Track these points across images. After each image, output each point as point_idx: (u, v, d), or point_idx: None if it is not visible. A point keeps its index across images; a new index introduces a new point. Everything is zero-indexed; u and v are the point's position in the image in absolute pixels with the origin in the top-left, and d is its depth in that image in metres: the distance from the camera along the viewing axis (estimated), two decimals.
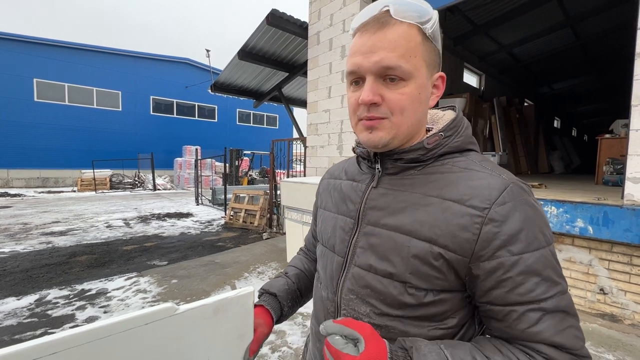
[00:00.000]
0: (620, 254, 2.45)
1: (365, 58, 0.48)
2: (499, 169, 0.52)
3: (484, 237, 0.46)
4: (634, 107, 2.33)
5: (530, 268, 0.45)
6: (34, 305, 2.83)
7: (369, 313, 0.53)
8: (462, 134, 0.56)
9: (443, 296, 0.50)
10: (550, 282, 0.45)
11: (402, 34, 0.47)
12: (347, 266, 0.57)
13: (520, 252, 0.45)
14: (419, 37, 0.48)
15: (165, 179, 15.77)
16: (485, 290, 0.47)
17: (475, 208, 0.47)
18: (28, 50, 14.06)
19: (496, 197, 0.47)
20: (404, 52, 0.47)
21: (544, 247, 0.46)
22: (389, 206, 0.54)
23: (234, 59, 6.16)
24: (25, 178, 14.27)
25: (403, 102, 0.49)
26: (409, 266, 0.49)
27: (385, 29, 0.48)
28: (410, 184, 0.54)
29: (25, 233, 5.58)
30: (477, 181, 0.49)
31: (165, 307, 0.47)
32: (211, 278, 3.44)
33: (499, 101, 7.89)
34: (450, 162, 0.54)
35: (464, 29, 6.78)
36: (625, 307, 2.46)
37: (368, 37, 0.49)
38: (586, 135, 18.18)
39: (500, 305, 0.46)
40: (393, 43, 0.47)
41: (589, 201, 2.49)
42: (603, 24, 6.64)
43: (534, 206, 0.48)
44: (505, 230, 0.45)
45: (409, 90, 0.49)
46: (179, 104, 18.60)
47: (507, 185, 0.48)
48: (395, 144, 0.53)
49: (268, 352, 2.17)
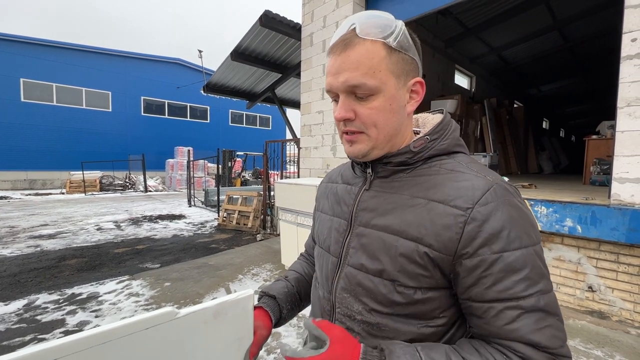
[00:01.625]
0: (608, 253, 2.51)
1: (334, 78, 0.52)
2: (485, 171, 0.54)
3: (466, 235, 0.47)
4: (620, 109, 2.39)
5: (510, 266, 0.46)
6: (23, 311, 2.76)
7: (361, 311, 0.55)
8: (448, 136, 0.58)
9: (431, 294, 0.51)
10: (530, 281, 0.46)
11: (364, 53, 0.50)
12: (341, 266, 0.59)
13: (501, 251, 0.46)
14: (382, 52, 0.50)
15: (156, 181, 15.56)
16: (466, 287, 0.49)
17: (458, 208, 0.49)
18: (14, 50, 13.73)
19: (479, 197, 0.48)
20: (367, 69, 0.50)
21: (526, 246, 0.47)
22: (379, 207, 0.56)
23: (226, 59, 6.13)
24: (12, 180, 13.93)
25: (374, 116, 0.52)
26: (397, 265, 0.52)
27: (348, 50, 0.50)
28: (399, 186, 0.56)
29: (12, 236, 5.45)
30: (462, 182, 0.51)
31: (165, 312, 0.47)
32: (205, 280, 3.41)
33: (490, 103, 8.01)
34: (438, 164, 0.56)
35: (455, 32, 6.87)
36: (612, 304, 2.52)
37: (335, 58, 0.52)
38: (574, 136, 18.57)
39: (479, 301, 0.48)
40: (355, 63, 0.50)
41: (578, 201, 2.55)
42: (590, 27, 6.80)
43: (518, 207, 0.49)
44: (486, 229, 0.47)
45: (378, 103, 0.52)
46: (170, 105, 18.39)
47: (491, 186, 0.50)
48: (377, 154, 0.56)
49: (263, 354, 2.16)
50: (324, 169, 4.77)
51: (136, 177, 14.72)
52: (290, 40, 5.57)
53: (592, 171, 4.58)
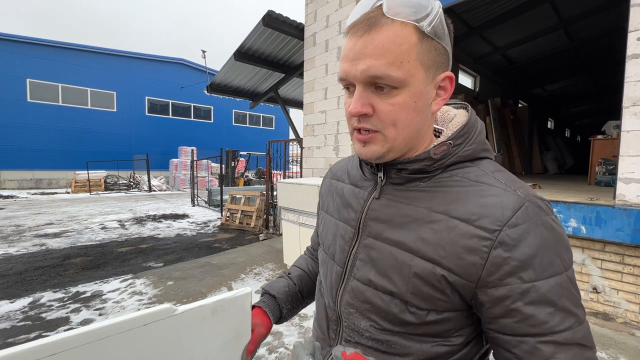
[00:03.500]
0: (613, 254, 2.48)
1: (352, 65, 0.44)
2: (515, 182, 0.47)
3: (492, 261, 0.42)
4: (625, 109, 2.36)
5: (544, 297, 0.40)
6: (28, 308, 2.80)
7: (368, 328, 0.51)
8: (474, 140, 0.50)
9: (446, 315, 0.47)
10: (566, 313, 0.41)
11: (392, 37, 0.42)
12: (346, 278, 0.55)
13: (533, 280, 0.41)
14: (413, 38, 0.42)
15: (160, 180, 15.66)
16: (493, 317, 0.43)
17: (484, 229, 0.43)
18: (21, 50, 13.90)
19: (509, 217, 0.42)
20: (393, 58, 0.42)
21: (560, 273, 0.42)
22: (392, 219, 0.50)
23: (230, 59, 6.15)
24: (18, 179, 14.09)
25: (395, 114, 0.45)
26: (410, 286, 0.47)
27: (373, 32, 0.42)
28: (415, 197, 0.50)
29: (18, 235, 5.52)
30: (488, 198, 0.45)
31: (163, 308, 0.48)
32: (207, 279, 3.43)
33: (494, 102, 7.97)
34: (460, 173, 0.49)
35: (459, 31, 6.83)
36: (617, 305, 2.50)
37: (355, 40, 0.44)
38: (579, 136, 18.39)
39: (510, 335, 0.42)
40: (380, 48, 0.42)
41: (582, 201, 2.53)
42: (596, 26, 6.73)
43: (552, 227, 0.43)
44: (516, 256, 0.41)
45: (402, 99, 0.44)
46: (174, 105, 18.50)
47: (522, 204, 0.43)
48: (392, 156, 0.49)
49: (265, 353, 2.17)
50: (327, 168, 4.77)
51: (140, 176, 14.83)
52: (293, 40, 5.58)
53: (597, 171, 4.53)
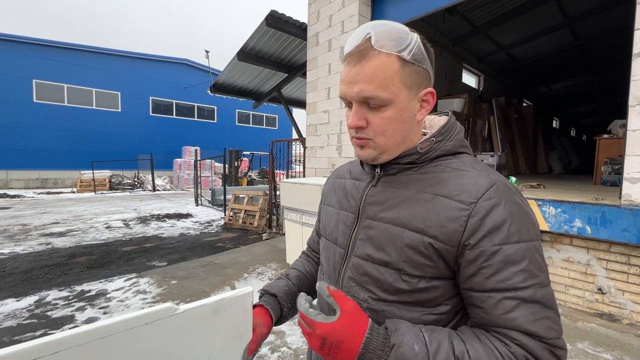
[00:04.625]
0: (618, 254, 2.46)
1: (349, 88, 0.54)
2: (488, 170, 0.57)
3: (469, 228, 0.50)
4: (632, 108, 2.34)
5: (509, 258, 0.48)
6: (34, 307, 2.83)
7: (367, 299, 0.58)
8: (453, 138, 0.61)
9: (435, 283, 0.54)
10: (528, 274, 0.48)
11: (379, 66, 0.51)
12: (348, 257, 0.62)
13: (501, 243, 0.49)
14: (396, 65, 0.52)
15: (164, 180, 15.75)
16: (467, 277, 0.51)
17: (463, 202, 0.52)
18: (27, 51, 14.04)
19: (483, 192, 0.51)
20: (380, 83, 0.51)
21: (525, 241, 0.49)
22: (386, 201, 0.59)
23: (233, 59, 6.17)
24: (25, 179, 14.25)
25: (384, 126, 0.55)
26: (403, 255, 0.54)
27: (363, 62, 0.52)
28: (406, 181, 0.59)
29: (25, 234, 5.58)
30: (466, 179, 0.54)
31: (164, 307, 0.48)
32: (211, 279, 3.44)
33: (498, 101, 7.91)
34: (444, 163, 0.59)
35: (462, 30, 6.79)
36: (623, 306, 2.47)
37: (350, 68, 0.54)
38: (585, 135, 18.22)
39: (479, 291, 0.50)
40: (370, 75, 0.52)
41: (587, 201, 2.50)
42: (601, 24, 6.66)
43: (519, 203, 0.52)
44: (488, 222, 0.49)
45: (390, 114, 0.54)
46: (178, 105, 18.59)
47: (494, 184, 0.53)
48: (385, 158, 0.59)
49: (267, 352, 2.18)
50: (330, 168, 4.77)
51: (144, 176, 14.93)
52: (296, 40, 5.58)
53: (603, 171, 4.49)
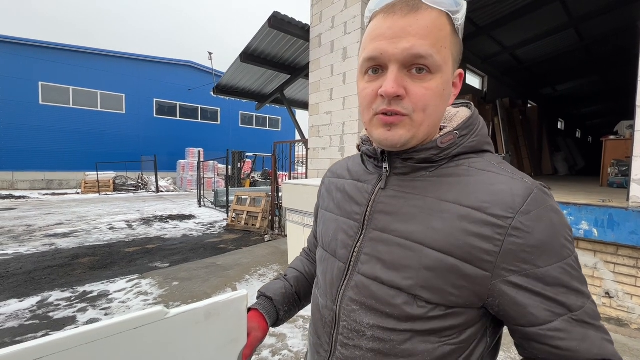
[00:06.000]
0: (626, 257, 2.41)
1: (392, 43, 0.43)
2: (520, 172, 0.49)
3: (507, 248, 0.42)
4: (639, 108, 2.30)
5: (558, 280, 0.42)
6: (36, 307, 2.83)
7: (372, 326, 0.49)
8: (478, 133, 0.51)
9: (456, 310, 0.45)
10: (580, 291, 0.43)
11: (435, 21, 0.43)
12: (349, 273, 0.53)
13: (547, 264, 0.42)
14: (449, 27, 0.44)
15: (168, 181, 15.83)
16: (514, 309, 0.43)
17: (497, 217, 0.43)
18: (33, 54, 14.22)
19: (520, 204, 0.43)
20: (435, 41, 0.43)
21: (569, 256, 0.43)
22: (400, 211, 0.49)
23: (236, 61, 6.18)
24: (30, 180, 14.39)
25: (427, 98, 0.45)
26: (421, 278, 0.45)
27: (416, 13, 0.43)
28: (422, 186, 0.49)
29: (29, 235, 5.62)
30: (498, 186, 0.45)
31: (154, 311, 0.46)
32: (212, 280, 3.43)
33: (502, 103, 7.86)
34: (466, 162, 0.49)
35: (466, 31, 6.74)
36: (631, 311, 2.42)
37: (395, 20, 0.43)
38: (591, 136, 18.04)
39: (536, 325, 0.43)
40: (425, 29, 0.43)
41: (594, 203, 2.46)
42: (607, 24, 6.59)
43: (558, 212, 0.45)
44: (531, 242, 0.42)
45: (435, 84, 0.44)
46: (182, 107, 18.71)
47: (532, 192, 0.44)
48: (412, 144, 0.48)
49: (268, 355, 2.16)
50: None
51: (148, 177, 15.01)
52: (298, 41, 5.58)
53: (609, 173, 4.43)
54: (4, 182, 13.81)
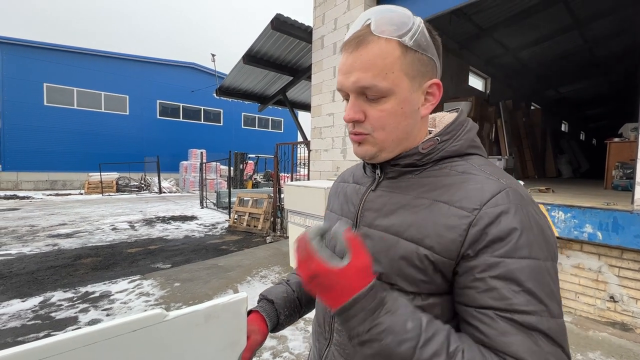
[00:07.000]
0: (631, 261, 2.38)
1: (345, 78, 0.50)
2: (500, 174, 0.50)
3: (470, 238, 0.44)
4: None
5: (512, 274, 0.41)
6: (38, 308, 2.84)
7: None
8: (461, 137, 0.54)
9: (432, 300, 0.48)
10: (532, 297, 0.41)
11: (378, 52, 0.47)
12: None
13: (503, 256, 0.42)
14: (397, 52, 0.48)
15: (170, 182, 15.89)
16: (460, 288, 0.45)
17: (464, 209, 0.46)
18: (38, 56, 14.36)
19: (488, 198, 0.45)
20: (378, 71, 0.47)
21: (536, 258, 0.42)
22: (383, 207, 0.54)
23: (239, 63, 6.21)
24: (34, 180, 14.49)
25: (383, 119, 0.50)
26: (395, 267, 0.49)
27: (360, 49, 0.48)
28: (405, 186, 0.54)
29: (32, 235, 5.65)
30: (472, 184, 0.48)
31: (153, 314, 0.46)
32: (214, 281, 3.43)
33: (505, 105, 7.82)
34: (449, 166, 0.53)
35: (469, 33, 6.75)
36: (636, 315, 2.39)
37: (347, 56, 0.50)
38: (595, 139, 17.91)
39: (472, 306, 0.43)
40: (367, 63, 0.48)
41: (598, 206, 2.44)
42: (611, 26, 6.56)
43: (533, 215, 0.45)
44: (491, 231, 0.43)
45: (390, 106, 0.49)
46: (185, 108, 18.80)
47: (503, 189, 0.46)
48: (384, 156, 0.54)
49: (269, 357, 2.15)
50: (334, 171, 4.75)
51: (151, 178, 15.07)
52: (301, 43, 5.60)
53: (614, 175, 4.38)
54: (8, 182, 13.93)
